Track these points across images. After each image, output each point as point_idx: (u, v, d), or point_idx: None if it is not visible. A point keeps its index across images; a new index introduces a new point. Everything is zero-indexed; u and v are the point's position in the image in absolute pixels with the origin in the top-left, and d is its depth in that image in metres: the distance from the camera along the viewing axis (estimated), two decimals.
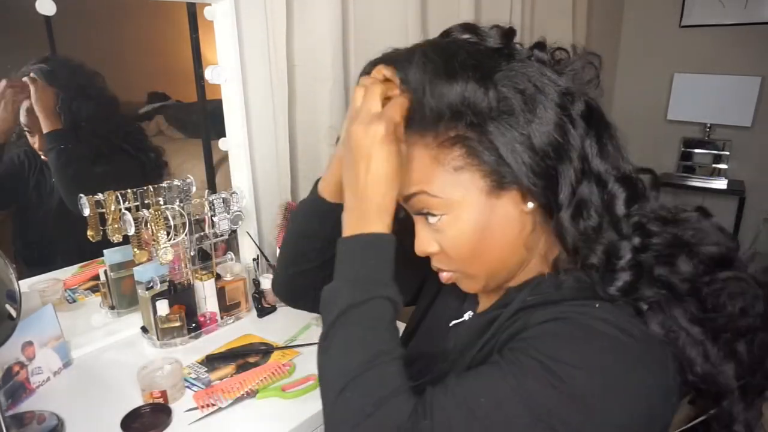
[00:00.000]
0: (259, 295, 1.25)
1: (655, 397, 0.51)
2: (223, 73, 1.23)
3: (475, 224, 0.57)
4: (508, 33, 0.59)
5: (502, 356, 0.52)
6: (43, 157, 1.16)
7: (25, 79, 1.09)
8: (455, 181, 0.56)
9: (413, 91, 0.56)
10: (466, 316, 0.72)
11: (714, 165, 3.12)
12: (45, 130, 1.13)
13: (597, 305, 0.53)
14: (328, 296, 0.57)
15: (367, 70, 0.61)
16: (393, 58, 0.59)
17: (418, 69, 0.56)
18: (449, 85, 0.54)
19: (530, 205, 0.57)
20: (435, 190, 0.57)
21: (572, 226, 0.55)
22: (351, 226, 0.57)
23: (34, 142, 1.15)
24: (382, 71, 0.58)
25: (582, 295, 0.55)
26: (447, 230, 0.59)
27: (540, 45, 0.60)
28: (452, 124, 0.55)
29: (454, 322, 0.73)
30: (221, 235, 1.20)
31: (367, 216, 0.56)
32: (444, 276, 0.64)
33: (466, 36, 0.60)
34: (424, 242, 0.61)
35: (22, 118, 1.12)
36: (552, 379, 0.48)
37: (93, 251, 1.15)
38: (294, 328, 1.18)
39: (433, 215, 0.59)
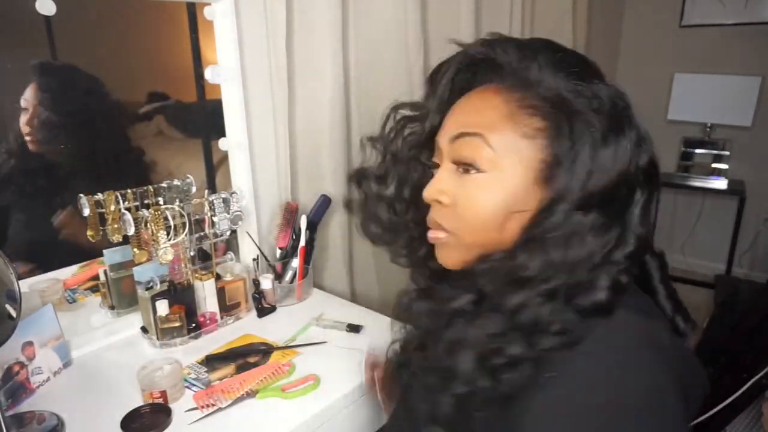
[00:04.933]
0: (259, 295, 1.25)
1: None
2: (223, 73, 1.23)
3: (505, 198, 0.55)
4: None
5: None
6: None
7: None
8: (516, 146, 0.54)
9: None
10: None
11: (714, 165, 3.12)
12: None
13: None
14: None
15: None
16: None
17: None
18: (558, 68, 0.56)
19: None
20: (493, 141, 0.55)
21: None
22: None
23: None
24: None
25: None
26: (475, 189, 0.56)
27: None
28: (544, 98, 0.55)
29: None
30: (221, 235, 1.20)
31: None
32: (432, 235, 0.61)
33: None
34: (440, 189, 0.59)
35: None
36: None
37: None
38: (294, 328, 1.18)
39: (473, 167, 0.56)
